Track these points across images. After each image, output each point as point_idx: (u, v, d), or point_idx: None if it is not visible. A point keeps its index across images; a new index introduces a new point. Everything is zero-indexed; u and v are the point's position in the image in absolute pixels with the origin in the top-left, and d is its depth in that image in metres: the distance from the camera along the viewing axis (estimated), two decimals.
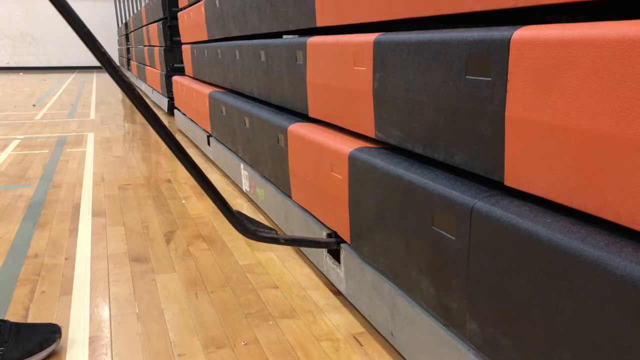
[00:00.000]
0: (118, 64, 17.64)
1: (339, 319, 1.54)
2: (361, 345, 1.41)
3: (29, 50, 17.47)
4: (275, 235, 1.59)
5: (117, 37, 17.62)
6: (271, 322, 1.53)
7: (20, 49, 17.37)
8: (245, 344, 1.42)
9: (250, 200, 2.75)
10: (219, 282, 1.79)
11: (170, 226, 2.34)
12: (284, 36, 2.70)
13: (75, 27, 1.24)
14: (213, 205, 2.65)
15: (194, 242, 2.15)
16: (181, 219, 2.43)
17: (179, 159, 1.44)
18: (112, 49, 18.06)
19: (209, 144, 3.63)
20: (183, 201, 2.72)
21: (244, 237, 2.20)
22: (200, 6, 3.77)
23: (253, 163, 2.57)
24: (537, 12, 1.23)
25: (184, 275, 1.84)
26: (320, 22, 1.87)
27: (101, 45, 1.29)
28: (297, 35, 2.67)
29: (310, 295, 1.69)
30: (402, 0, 1.37)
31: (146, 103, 1.35)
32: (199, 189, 2.94)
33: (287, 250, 2.05)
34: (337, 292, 1.71)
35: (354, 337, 1.45)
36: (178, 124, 5.05)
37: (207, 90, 3.54)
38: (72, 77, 13.64)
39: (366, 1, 1.54)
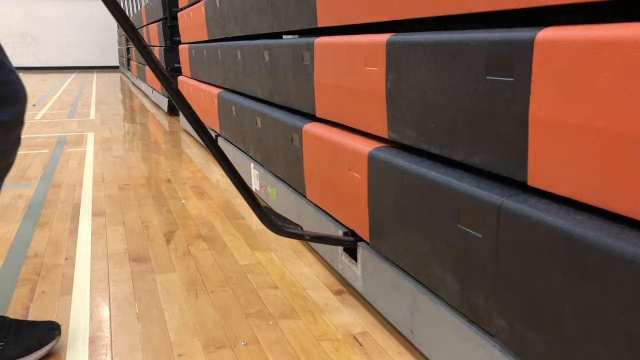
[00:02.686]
0: (118, 64, 17.65)
1: (339, 319, 1.54)
2: (361, 345, 1.41)
3: (29, 50, 17.46)
4: (300, 232, 1.61)
5: (117, 37, 17.62)
6: (271, 322, 1.53)
7: (20, 49, 17.36)
8: (245, 344, 1.42)
9: (259, 199, 2.75)
10: (219, 282, 1.79)
11: (170, 226, 2.34)
12: (284, 36, 2.70)
13: (120, 21, 1.30)
14: (213, 205, 2.65)
15: (194, 242, 2.15)
16: (181, 219, 2.43)
17: (206, 144, 1.49)
18: (112, 49, 18.06)
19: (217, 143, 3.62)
20: (183, 201, 2.72)
21: (244, 237, 2.20)
22: (200, 6, 3.77)
23: (265, 162, 2.57)
24: (536, 13, 1.23)
25: (184, 275, 1.84)
26: (322, 23, 1.87)
27: (143, 39, 1.33)
28: (296, 36, 2.67)
29: (310, 295, 1.69)
30: (405, 1, 1.37)
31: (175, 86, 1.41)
32: (199, 189, 2.94)
33: (287, 250, 2.06)
34: (337, 292, 1.71)
35: (354, 337, 1.45)
36: (183, 124, 5.05)
37: (215, 90, 3.54)
38: (72, 77, 13.64)
39: (369, 1, 1.54)
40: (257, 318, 1.55)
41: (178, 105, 1.44)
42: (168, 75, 1.40)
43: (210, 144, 1.48)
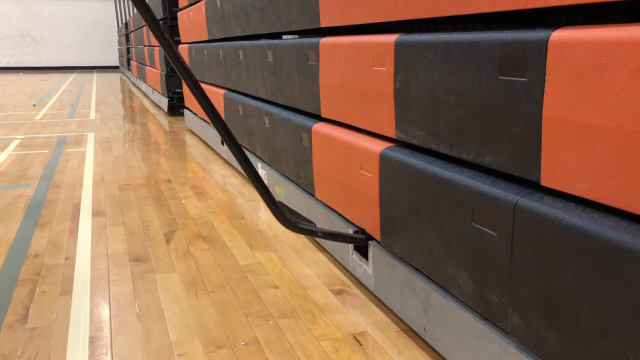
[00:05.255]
0: (118, 64, 17.65)
1: (339, 319, 1.54)
2: (361, 345, 1.41)
3: (29, 50, 17.47)
4: (313, 228, 1.63)
5: (117, 37, 17.62)
6: (271, 322, 1.53)
7: (20, 49, 17.37)
8: (245, 344, 1.42)
9: None
10: (219, 282, 1.79)
11: (170, 226, 2.34)
12: (284, 36, 2.70)
13: (153, 29, 1.30)
14: (213, 205, 2.65)
15: (194, 242, 2.15)
16: (181, 219, 2.43)
17: (221, 134, 1.50)
18: (112, 49, 18.06)
19: (222, 143, 3.62)
20: (183, 201, 2.72)
21: (244, 237, 2.20)
22: (200, 6, 3.77)
23: (273, 162, 2.57)
24: (537, 13, 1.23)
25: (184, 275, 1.84)
26: (325, 23, 1.87)
27: (178, 52, 1.34)
28: (297, 36, 2.67)
29: (310, 295, 1.69)
30: (408, 1, 1.37)
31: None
32: (199, 189, 2.94)
33: (287, 250, 2.06)
34: (337, 292, 1.71)
35: (354, 337, 1.45)
36: (187, 124, 5.05)
37: (221, 90, 3.54)
38: (72, 77, 13.64)
39: (372, 2, 1.54)
40: (257, 318, 1.55)
41: (208, 113, 1.44)
42: (198, 82, 1.40)
43: (231, 142, 1.49)
